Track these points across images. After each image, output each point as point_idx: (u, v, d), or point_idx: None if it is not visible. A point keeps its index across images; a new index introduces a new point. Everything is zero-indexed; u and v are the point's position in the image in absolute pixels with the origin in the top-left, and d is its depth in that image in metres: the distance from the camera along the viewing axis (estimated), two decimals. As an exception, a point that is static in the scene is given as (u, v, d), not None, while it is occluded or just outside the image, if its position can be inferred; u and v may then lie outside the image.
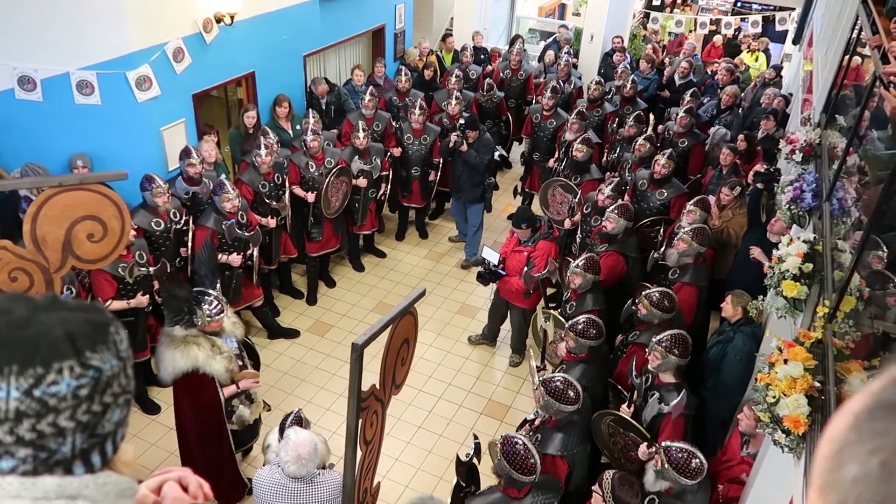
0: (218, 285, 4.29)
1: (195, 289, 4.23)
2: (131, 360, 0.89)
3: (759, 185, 5.41)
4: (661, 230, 6.05)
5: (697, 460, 3.35)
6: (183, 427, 4.37)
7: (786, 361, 2.75)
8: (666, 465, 3.34)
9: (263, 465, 3.70)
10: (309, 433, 3.52)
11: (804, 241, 3.51)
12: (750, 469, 3.63)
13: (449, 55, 9.96)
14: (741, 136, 6.73)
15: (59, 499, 0.78)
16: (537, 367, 4.96)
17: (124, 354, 0.86)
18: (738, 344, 4.37)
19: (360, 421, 2.94)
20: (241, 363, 4.37)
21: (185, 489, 1.05)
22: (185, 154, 5.67)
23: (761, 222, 5.32)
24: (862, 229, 2.95)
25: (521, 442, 3.52)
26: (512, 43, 9.91)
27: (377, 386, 3.05)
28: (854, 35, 4.41)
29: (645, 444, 3.82)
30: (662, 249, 5.53)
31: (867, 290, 2.79)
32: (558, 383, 3.93)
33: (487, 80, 8.55)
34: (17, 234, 3.79)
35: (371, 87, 7.34)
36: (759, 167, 5.83)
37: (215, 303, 4.10)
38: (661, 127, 8.15)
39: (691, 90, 8.04)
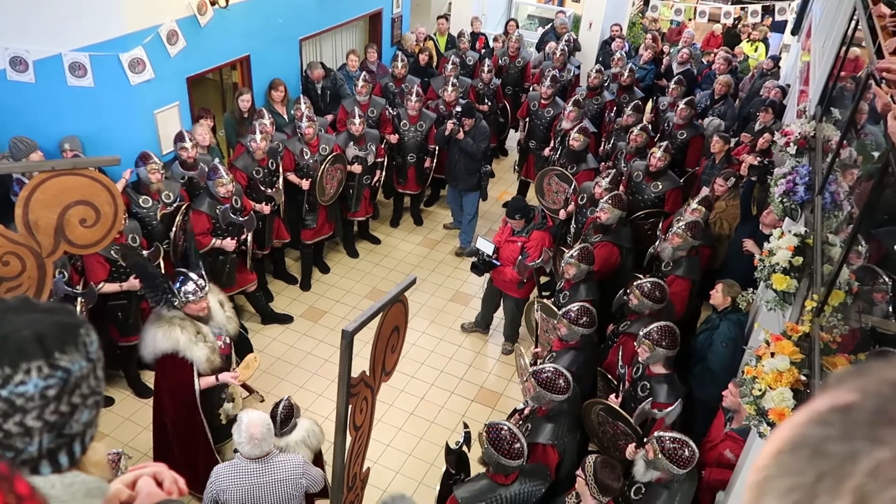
0: (201, 268, 4.17)
1: (177, 269, 4.17)
2: (101, 361, 0.89)
3: (754, 178, 5.41)
4: (658, 222, 6.05)
5: (689, 449, 3.38)
6: (160, 407, 4.37)
7: (773, 354, 2.76)
8: (659, 455, 3.37)
9: None
10: (261, 414, 3.52)
11: (795, 235, 3.51)
12: (734, 445, 3.67)
13: (443, 38, 9.88)
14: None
15: None
16: (530, 362, 4.96)
17: (94, 356, 0.86)
18: (724, 331, 4.41)
19: (350, 407, 2.96)
20: (225, 358, 4.27)
21: (159, 484, 1.06)
22: (178, 138, 5.64)
23: (752, 215, 5.34)
24: (852, 223, 2.96)
25: (505, 427, 3.55)
26: (507, 29, 9.89)
27: (367, 373, 3.07)
28: (851, 27, 4.39)
29: (633, 444, 3.86)
30: (658, 244, 5.54)
31: (856, 285, 2.80)
32: (549, 373, 3.95)
33: (486, 61, 8.48)
34: (7, 217, 3.78)
35: (364, 73, 7.30)
36: (752, 158, 5.84)
37: (193, 285, 3.98)
38: (650, 116, 8.10)
39: (675, 78, 7.99)
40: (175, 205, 5.45)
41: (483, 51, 9.53)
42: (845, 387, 0.52)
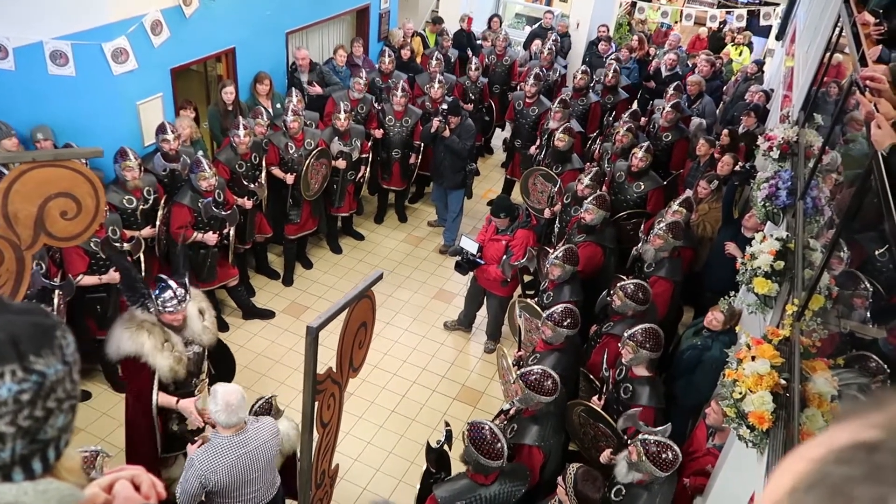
0: (186, 278, 3.93)
1: (159, 275, 3.96)
2: (78, 364, 0.87)
3: (736, 183, 5.46)
4: (640, 223, 6.08)
5: (672, 452, 3.40)
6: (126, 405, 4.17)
7: (753, 358, 2.79)
8: (643, 458, 3.39)
9: None
10: (236, 386, 3.51)
11: (777, 239, 3.55)
12: (715, 460, 3.70)
13: (432, 36, 9.89)
14: (725, 132, 6.73)
15: None
16: (513, 363, 4.96)
17: (70, 359, 0.84)
18: (716, 354, 4.36)
19: (317, 404, 2.98)
20: (195, 372, 4.08)
21: (137, 488, 1.04)
22: (160, 130, 5.57)
23: (734, 218, 5.38)
24: (834, 228, 2.99)
25: (487, 427, 3.55)
26: (490, 25, 9.93)
27: (334, 369, 3.08)
28: (835, 34, 4.44)
29: (609, 450, 3.87)
30: (640, 245, 5.56)
31: (836, 290, 2.83)
32: (537, 375, 3.94)
33: (474, 59, 8.48)
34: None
35: (363, 72, 7.27)
36: (730, 158, 5.89)
37: (172, 294, 3.77)
38: (643, 119, 8.15)
39: (675, 84, 8.04)
40: (153, 198, 5.39)
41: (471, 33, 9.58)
42: (865, 421, 0.49)
